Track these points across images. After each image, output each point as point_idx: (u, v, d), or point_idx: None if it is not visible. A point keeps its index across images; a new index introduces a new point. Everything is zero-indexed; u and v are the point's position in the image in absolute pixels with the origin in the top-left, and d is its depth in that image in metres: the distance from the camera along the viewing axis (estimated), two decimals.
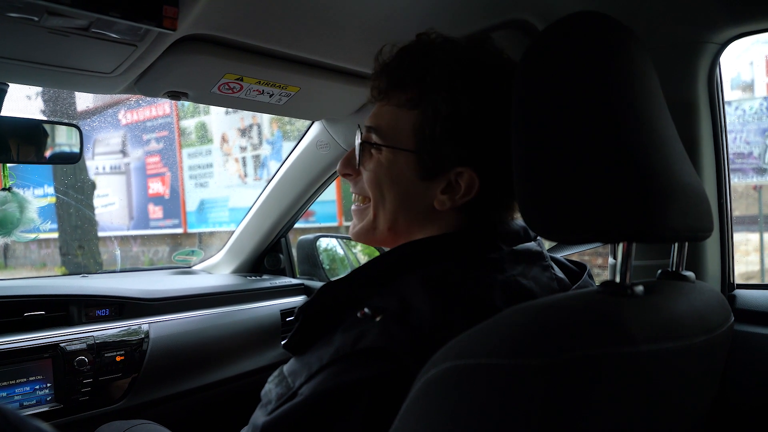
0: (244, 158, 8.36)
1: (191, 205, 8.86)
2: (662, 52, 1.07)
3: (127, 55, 1.13)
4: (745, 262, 6.17)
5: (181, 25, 1.04)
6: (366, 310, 0.69)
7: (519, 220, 0.83)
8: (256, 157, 8.27)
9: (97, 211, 8.45)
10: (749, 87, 6.91)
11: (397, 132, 0.80)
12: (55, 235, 7.93)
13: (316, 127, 1.88)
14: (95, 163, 9.09)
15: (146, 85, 1.30)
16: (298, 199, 2.08)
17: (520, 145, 0.64)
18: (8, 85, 1.27)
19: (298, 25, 1.18)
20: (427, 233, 0.81)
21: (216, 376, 1.72)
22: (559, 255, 0.94)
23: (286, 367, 0.72)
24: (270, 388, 0.70)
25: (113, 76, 1.23)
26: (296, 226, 2.28)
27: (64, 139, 1.46)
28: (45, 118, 1.41)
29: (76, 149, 1.45)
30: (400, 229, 0.83)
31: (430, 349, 0.57)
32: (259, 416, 0.68)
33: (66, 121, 1.43)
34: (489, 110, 0.75)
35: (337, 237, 2.44)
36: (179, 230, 8.89)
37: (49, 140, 1.43)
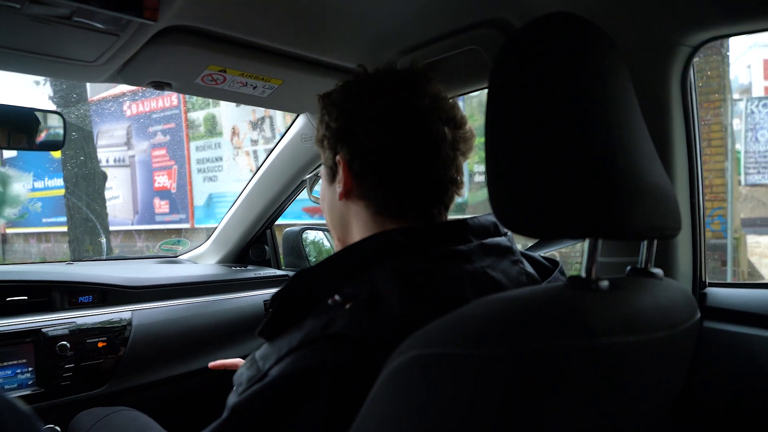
0: (255, 151, 8.10)
1: (199, 199, 8.62)
2: (636, 54, 1.09)
3: (109, 44, 1.13)
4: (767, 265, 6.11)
5: (163, 16, 1.05)
6: (337, 297, 0.70)
7: (490, 215, 0.84)
8: (268, 151, 7.99)
9: None
10: (747, 90, 6.88)
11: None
12: (56, 228, 7.77)
13: (301, 120, 1.88)
14: (99, 155, 8.87)
15: (130, 74, 1.30)
16: (283, 191, 2.08)
17: (491, 141, 0.65)
18: None
19: (279, 17, 1.18)
20: (358, 229, 0.88)
21: (198, 364, 1.73)
22: (537, 253, 0.96)
23: (258, 352, 0.73)
24: (242, 372, 0.72)
25: (96, 65, 1.23)
26: (304, 222, 2.27)
27: (48, 126, 1.45)
28: (28, 106, 1.41)
29: (60, 137, 1.45)
30: (338, 235, 0.94)
31: (397, 339, 0.58)
32: (231, 398, 0.70)
33: (49, 109, 1.43)
34: (347, 111, 0.86)
35: (323, 229, 2.44)
36: (186, 225, 8.65)
37: (33, 127, 1.42)
